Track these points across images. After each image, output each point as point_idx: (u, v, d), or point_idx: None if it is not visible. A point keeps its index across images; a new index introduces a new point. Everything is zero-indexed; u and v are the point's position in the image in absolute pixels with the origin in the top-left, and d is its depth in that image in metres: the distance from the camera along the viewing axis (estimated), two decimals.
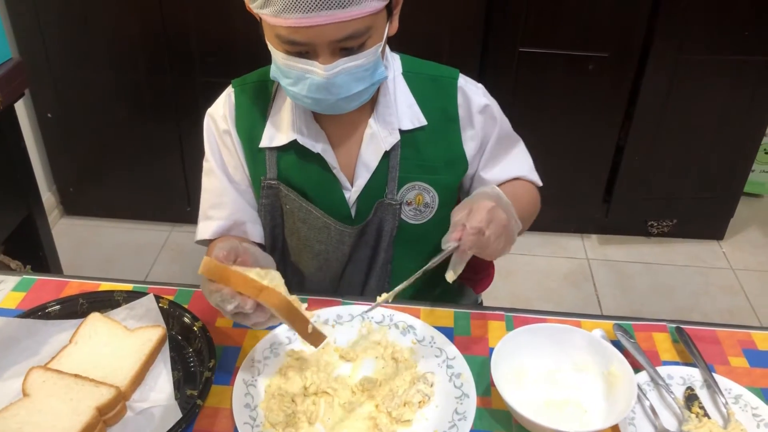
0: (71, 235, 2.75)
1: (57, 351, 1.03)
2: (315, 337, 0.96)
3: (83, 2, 2.32)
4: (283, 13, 0.96)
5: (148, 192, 2.75)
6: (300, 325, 0.94)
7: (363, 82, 1.05)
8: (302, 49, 1.00)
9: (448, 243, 0.98)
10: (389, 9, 1.04)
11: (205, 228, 1.22)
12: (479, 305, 1.49)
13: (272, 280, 0.95)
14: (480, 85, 1.23)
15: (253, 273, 0.93)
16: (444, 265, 1.03)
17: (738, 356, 1.09)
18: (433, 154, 1.19)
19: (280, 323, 1.00)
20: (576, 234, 2.83)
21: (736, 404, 0.99)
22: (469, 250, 0.98)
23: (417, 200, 1.21)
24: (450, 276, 1.01)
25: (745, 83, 2.42)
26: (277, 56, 1.04)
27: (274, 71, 1.08)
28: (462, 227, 0.97)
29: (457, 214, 1.00)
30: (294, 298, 0.94)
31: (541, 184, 1.31)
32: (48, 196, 2.74)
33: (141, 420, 0.96)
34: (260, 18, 1.03)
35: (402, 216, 1.21)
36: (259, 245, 1.24)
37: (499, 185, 1.19)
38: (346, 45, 1.00)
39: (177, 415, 0.95)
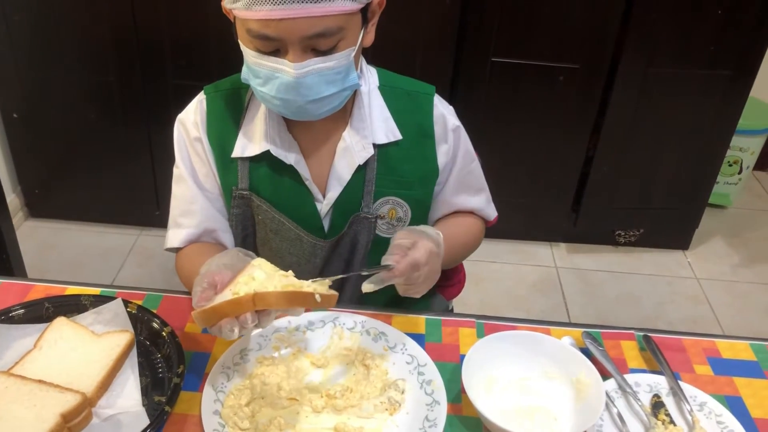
0: (36, 237, 2.70)
1: (21, 356, 1.01)
2: (327, 301, 0.94)
3: (53, 1, 2.28)
4: (254, 6, 0.95)
5: (117, 195, 2.71)
6: (306, 300, 0.92)
7: (333, 85, 1.04)
8: (273, 45, 1.00)
9: (387, 262, 1.01)
10: (365, 15, 1.04)
11: (175, 236, 1.21)
12: (450, 312, 1.50)
13: (259, 269, 0.94)
14: (450, 107, 1.26)
15: (240, 285, 0.92)
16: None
17: (703, 364, 1.11)
18: (408, 170, 1.19)
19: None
20: (545, 242, 2.86)
21: (700, 411, 1.00)
22: (398, 276, 1.00)
23: (390, 214, 1.21)
24: (367, 288, 1.02)
25: (710, 97, 2.48)
26: (248, 55, 1.03)
27: (245, 72, 1.07)
28: (404, 252, 1.01)
29: (402, 239, 1.03)
30: (285, 280, 0.92)
31: (492, 218, 1.32)
32: (12, 198, 2.68)
33: (107, 427, 0.94)
34: (233, 17, 1.02)
35: (375, 230, 1.21)
36: None
37: (451, 212, 1.27)
38: (318, 44, 1.00)
39: (144, 421, 0.93)
